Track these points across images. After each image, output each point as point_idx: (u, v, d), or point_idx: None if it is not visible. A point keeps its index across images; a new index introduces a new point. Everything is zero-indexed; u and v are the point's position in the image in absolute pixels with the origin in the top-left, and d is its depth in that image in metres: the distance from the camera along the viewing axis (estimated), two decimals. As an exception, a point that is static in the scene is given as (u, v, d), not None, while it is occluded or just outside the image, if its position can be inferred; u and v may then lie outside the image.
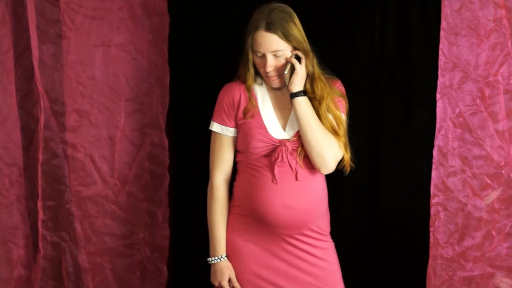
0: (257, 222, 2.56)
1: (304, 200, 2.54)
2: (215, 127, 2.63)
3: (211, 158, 2.65)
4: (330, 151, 2.52)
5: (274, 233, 2.56)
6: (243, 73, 2.61)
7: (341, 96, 2.62)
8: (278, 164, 2.52)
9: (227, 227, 2.61)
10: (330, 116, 2.55)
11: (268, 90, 2.64)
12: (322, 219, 2.62)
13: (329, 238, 2.66)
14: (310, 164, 2.56)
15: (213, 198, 2.61)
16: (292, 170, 2.53)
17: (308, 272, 2.57)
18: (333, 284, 2.60)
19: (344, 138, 2.57)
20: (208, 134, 2.68)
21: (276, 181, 2.52)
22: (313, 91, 2.55)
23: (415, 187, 3.08)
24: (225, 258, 2.60)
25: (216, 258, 2.60)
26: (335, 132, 2.55)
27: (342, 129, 2.57)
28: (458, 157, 2.89)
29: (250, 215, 2.57)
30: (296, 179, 2.53)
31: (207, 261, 2.66)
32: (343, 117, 2.60)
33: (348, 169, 2.60)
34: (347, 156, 2.58)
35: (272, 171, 2.53)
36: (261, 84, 2.64)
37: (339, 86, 2.65)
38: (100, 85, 2.99)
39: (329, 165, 2.54)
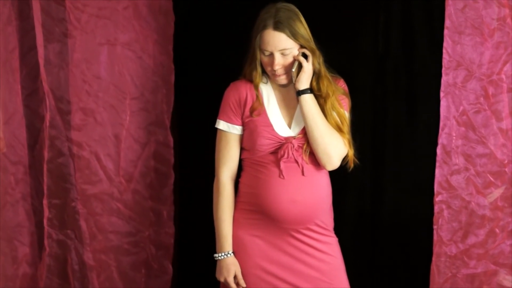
0: (264, 217, 2.58)
1: (310, 195, 2.57)
2: (221, 125, 2.64)
3: (217, 156, 2.67)
4: (335, 148, 2.56)
5: (280, 228, 2.58)
6: (249, 72, 2.63)
7: (345, 94, 2.66)
8: (284, 160, 2.54)
9: (233, 223, 2.63)
10: (334, 114, 2.58)
11: (273, 88, 2.66)
12: (326, 214, 2.65)
13: (333, 233, 2.68)
14: (315, 161, 2.59)
15: (220, 195, 2.63)
16: (298, 166, 2.56)
17: (313, 267, 2.59)
18: (337, 278, 2.63)
19: (348, 135, 2.61)
20: (213, 133, 2.69)
21: (283, 176, 2.54)
22: (319, 89, 2.58)
23: (418, 185, 3.09)
24: (232, 254, 2.62)
25: (223, 254, 2.61)
26: (339, 129, 2.58)
27: (346, 127, 2.61)
28: (462, 155, 2.91)
29: (256, 210, 2.59)
30: (303, 174, 2.56)
31: (212, 259, 2.67)
32: (347, 114, 2.64)
33: (352, 165, 2.63)
34: (351, 153, 2.62)
35: (278, 166, 2.55)
36: (266, 83, 2.66)
37: (342, 85, 2.68)
38: (106, 84, 3.00)
39: (334, 162, 2.58)
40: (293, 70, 2.55)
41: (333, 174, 2.68)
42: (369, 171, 3.12)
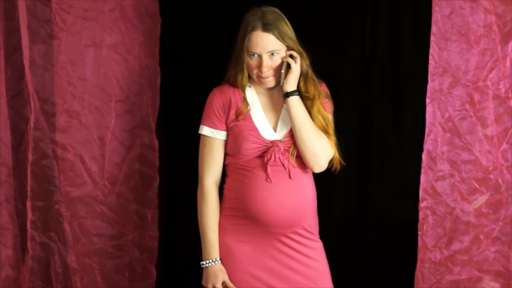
0: (251, 222, 2.57)
1: (297, 198, 2.56)
2: (205, 130, 2.63)
3: (201, 162, 2.65)
4: (323, 149, 2.56)
5: (268, 232, 2.57)
6: (233, 75, 2.61)
7: (327, 98, 2.67)
8: (270, 164, 2.53)
9: (219, 229, 2.61)
10: (319, 116, 2.59)
11: (257, 92, 2.65)
12: (312, 218, 2.64)
13: (318, 238, 2.67)
14: (301, 164, 2.59)
15: (205, 202, 2.61)
16: (285, 169, 2.55)
17: (299, 272, 2.58)
18: (323, 284, 2.62)
19: (333, 137, 2.62)
20: (199, 136, 2.68)
21: (270, 180, 2.53)
22: (307, 90, 2.59)
23: (404, 191, 3.09)
24: (219, 261, 2.59)
25: (210, 261, 2.58)
26: (325, 131, 2.59)
27: (331, 129, 2.62)
28: (447, 162, 2.91)
29: (243, 216, 2.58)
30: (290, 177, 2.55)
31: (196, 263, 2.66)
32: (330, 117, 2.64)
33: (338, 166, 2.63)
34: (337, 155, 2.62)
35: (265, 170, 2.54)
36: (250, 87, 2.65)
37: (324, 88, 2.69)
38: (91, 86, 2.99)
39: (321, 163, 2.57)
40: (282, 71, 2.54)
41: (318, 179, 2.68)
42: (354, 176, 3.12)
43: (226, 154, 2.65)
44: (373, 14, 3.05)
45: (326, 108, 2.62)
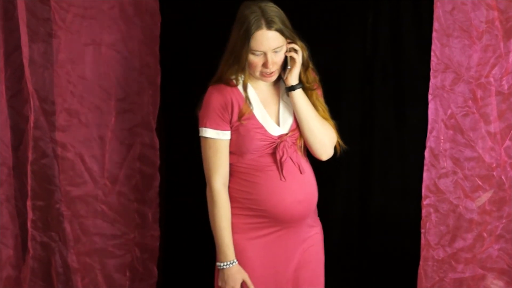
0: (263, 221, 2.53)
1: (310, 191, 2.56)
2: (209, 133, 2.53)
3: (207, 165, 2.55)
4: (330, 137, 2.57)
5: (282, 228, 2.54)
6: (230, 74, 2.53)
7: (318, 83, 2.64)
8: (284, 160, 2.50)
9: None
10: (318, 103, 2.58)
11: (253, 88, 2.59)
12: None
13: (318, 220, 2.67)
14: (304, 155, 2.59)
15: (216, 204, 2.52)
16: (295, 164, 2.53)
17: (307, 262, 2.58)
18: (320, 269, 2.64)
19: (331, 120, 2.61)
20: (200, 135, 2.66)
21: (285, 179, 2.51)
22: (308, 80, 2.56)
23: (406, 189, 3.08)
24: (236, 262, 2.52)
25: (228, 263, 2.51)
26: (325, 117, 2.59)
27: (328, 113, 2.61)
28: (450, 159, 2.89)
29: (254, 215, 2.53)
30: (301, 172, 2.54)
31: (198, 262, 2.64)
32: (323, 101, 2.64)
33: (338, 148, 2.61)
34: (338, 138, 2.61)
35: (277, 168, 2.51)
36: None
37: (313, 74, 2.63)
38: (91, 85, 2.98)
39: (330, 151, 2.59)
40: (289, 67, 2.51)
41: (321, 177, 2.67)
42: (356, 174, 3.11)
43: (229, 153, 2.57)
44: (374, 11, 3.04)
45: (319, 94, 2.61)
